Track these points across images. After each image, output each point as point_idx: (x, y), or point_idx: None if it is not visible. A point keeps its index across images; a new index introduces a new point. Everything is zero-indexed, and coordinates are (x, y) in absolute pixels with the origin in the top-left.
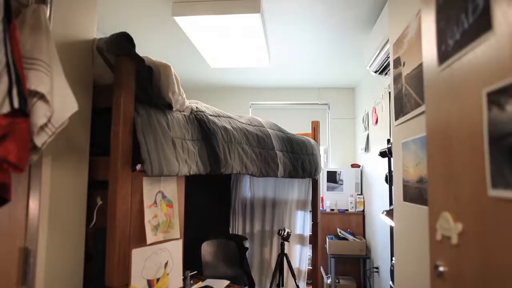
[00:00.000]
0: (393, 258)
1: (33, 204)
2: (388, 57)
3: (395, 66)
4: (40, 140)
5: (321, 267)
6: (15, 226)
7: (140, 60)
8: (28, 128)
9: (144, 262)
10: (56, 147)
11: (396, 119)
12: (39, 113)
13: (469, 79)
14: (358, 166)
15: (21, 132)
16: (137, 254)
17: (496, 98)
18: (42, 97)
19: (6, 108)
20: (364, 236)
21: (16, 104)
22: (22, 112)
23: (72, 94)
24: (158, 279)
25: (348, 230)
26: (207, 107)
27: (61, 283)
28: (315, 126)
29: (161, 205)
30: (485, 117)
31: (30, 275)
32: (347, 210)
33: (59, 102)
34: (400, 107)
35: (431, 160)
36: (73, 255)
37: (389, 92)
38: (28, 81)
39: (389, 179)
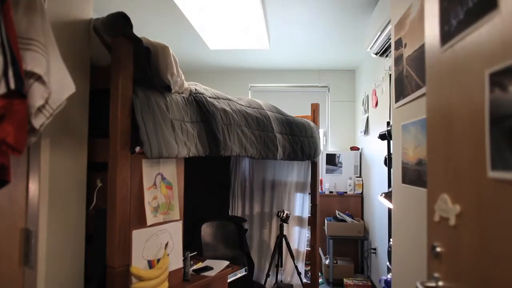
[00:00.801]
0: (391, 240)
1: (33, 186)
2: (389, 39)
3: (397, 48)
4: (38, 122)
5: (320, 248)
6: (15, 208)
7: (137, 40)
8: (26, 109)
9: (145, 243)
10: (55, 129)
11: (396, 101)
12: (36, 95)
13: (472, 59)
14: (358, 148)
15: (19, 113)
16: (137, 235)
17: (498, 79)
18: (39, 78)
19: (2, 89)
20: (362, 218)
21: (12, 85)
22: (19, 94)
23: (69, 75)
24: (158, 260)
25: (347, 212)
26: (206, 89)
27: (63, 263)
28: (315, 109)
29: (161, 187)
30: (487, 98)
31: (32, 255)
32: (346, 192)
33: (56, 83)
34: (401, 89)
35: (430, 142)
36: (74, 236)
37: (390, 74)
38: (24, 62)
39: (388, 161)
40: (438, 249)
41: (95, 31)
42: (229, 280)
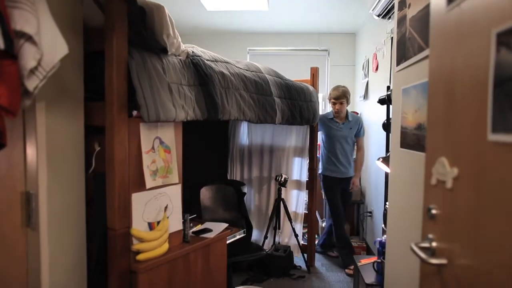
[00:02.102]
0: (387, 203)
1: (30, 150)
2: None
3: (400, 8)
4: (31, 84)
5: (317, 211)
6: (14, 171)
7: (131, 0)
8: (17, 70)
9: (144, 206)
10: (49, 92)
11: (398, 64)
12: (28, 56)
13: (479, 19)
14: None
15: (10, 74)
16: (137, 198)
17: (506, 38)
18: (29, 38)
19: None
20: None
21: (1, 45)
22: (9, 54)
23: (61, 36)
24: (158, 222)
25: None
26: (203, 52)
27: (65, 225)
28: (314, 73)
29: (159, 150)
30: (492, 59)
31: (34, 218)
32: None
33: (48, 44)
34: (403, 52)
35: (431, 106)
36: (74, 199)
37: (392, 37)
38: (13, 21)
39: (386, 126)
40: (434, 211)
41: None
42: (228, 242)
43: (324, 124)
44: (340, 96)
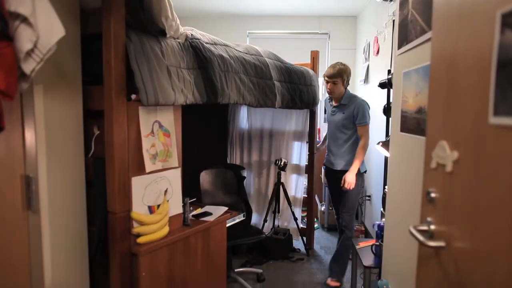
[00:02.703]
0: (386, 187)
1: (29, 133)
2: None
3: None
4: (28, 67)
5: (316, 195)
6: (13, 155)
7: None
8: (13, 53)
9: (144, 190)
10: (47, 75)
11: (399, 47)
12: (24, 38)
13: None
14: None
15: (6, 57)
16: (137, 182)
17: (511, 20)
18: (24, 20)
19: None
20: None
21: None
22: (4, 36)
23: (57, 18)
24: (158, 206)
25: None
26: (202, 35)
27: (65, 208)
28: (314, 56)
29: (159, 134)
30: (496, 41)
31: (34, 201)
32: None
33: (43, 26)
34: (404, 34)
35: (433, 89)
36: (74, 183)
37: (393, 20)
38: (7, 1)
39: (387, 110)
40: (433, 195)
41: None
42: (227, 225)
43: (326, 108)
44: (334, 75)
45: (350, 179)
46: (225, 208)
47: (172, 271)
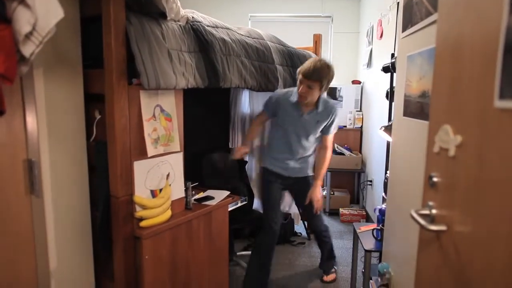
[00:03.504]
0: (387, 172)
1: (30, 117)
2: None
3: None
4: (27, 50)
5: None
6: (15, 139)
7: None
8: (11, 35)
9: (146, 174)
10: (47, 59)
11: (404, 30)
12: (22, 20)
13: None
14: (359, 82)
15: (4, 39)
16: (139, 166)
17: None
18: (22, 1)
19: None
20: (360, 152)
21: None
22: (2, 18)
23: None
24: (161, 190)
25: (346, 145)
26: (204, 17)
27: (69, 192)
28: (317, 40)
29: (160, 118)
30: (504, 22)
31: (37, 185)
32: (345, 126)
33: (42, 7)
34: (409, 17)
35: (437, 72)
36: (76, 167)
37: (398, 2)
38: None
39: (390, 94)
40: (435, 179)
41: None
42: (229, 209)
43: (280, 106)
44: (312, 75)
45: (320, 197)
46: (227, 192)
47: (175, 254)
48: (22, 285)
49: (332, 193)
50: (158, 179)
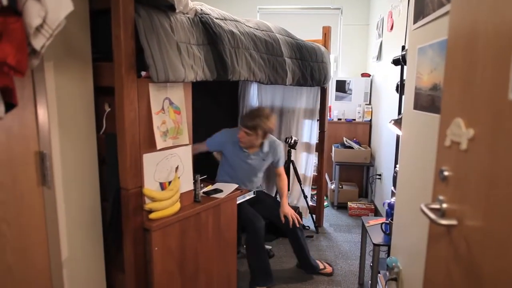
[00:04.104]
0: (397, 166)
1: (41, 110)
2: None
3: None
4: (38, 42)
5: (326, 173)
6: (27, 131)
7: None
8: (22, 28)
9: (156, 166)
10: (57, 52)
11: (415, 22)
12: (32, 13)
13: None
14: (369, 75)
15: (15, 32)
16: (148, 159)
17: None
18: None
19: None
20: (369, 145)
21: (4, 1)
22: (13, 11)
23: None
24: (170, 182)
25: (354, 139)
26: (212, 10)
27: (79, 184)
28: (326, 32)
29: (169, 111)
30: None
31: (49, 176)
32: (354, 119)
33: (52, 0)
34: (421, 8)
35: (449, 64)
36: (87, 159)
37: None
38: None
39: (400, 87)
40: (446, 173)
41: None
42: (238, 202)
43: (226, 147)
44: (247, 124)
45: (289, 210)
46: (236, 186)
47: (184, 246)
48: (36, 272)
49: (340, 186)
50: (167, 171)
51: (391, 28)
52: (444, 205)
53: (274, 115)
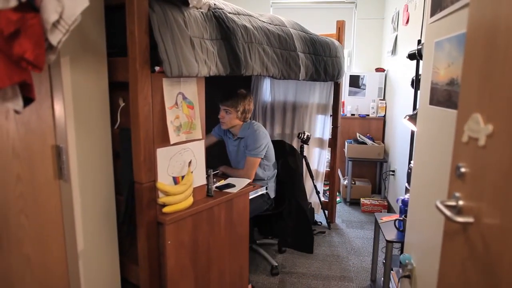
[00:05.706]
0: (411, 162)
1: (58, 105)
2: None
3: None
4: (55, 38)
5: (339, 169)
6: (44, 126)
7: None
8: (40, 24)
9: (169, 161)
10: (73, 47)
11: (432, 15)
12: (50, 9)
13: None
14: (383, 70)
15: (34, 28)
16: (161, 153)
17: None
18: None
19: (13, 2)
20: (383, 141)
21: None
22: (31, 7)
23: None
24: (183, 177)
25: (368, 135)
26: (225, 4)
27: (94, 177)
28: (340, 27)
29: (182, 106)
30: None
31: (65, 170)
32: (368, 115)
33: None
34: (439, 1)
35: (468, 58)
36: (102, 153)
37: None
38: None
39: (415, 82)
40: (463, 170)
41: None
42: (250, 197)
43: (225, 132)
44: (228, 104)
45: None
46: (248, 180)
47: (197, 240)
48: (53, 263)
49: (353, 182)
50: (180, 166)
51: (407, 22)
52: (461, 202)
53: (252, 97)
